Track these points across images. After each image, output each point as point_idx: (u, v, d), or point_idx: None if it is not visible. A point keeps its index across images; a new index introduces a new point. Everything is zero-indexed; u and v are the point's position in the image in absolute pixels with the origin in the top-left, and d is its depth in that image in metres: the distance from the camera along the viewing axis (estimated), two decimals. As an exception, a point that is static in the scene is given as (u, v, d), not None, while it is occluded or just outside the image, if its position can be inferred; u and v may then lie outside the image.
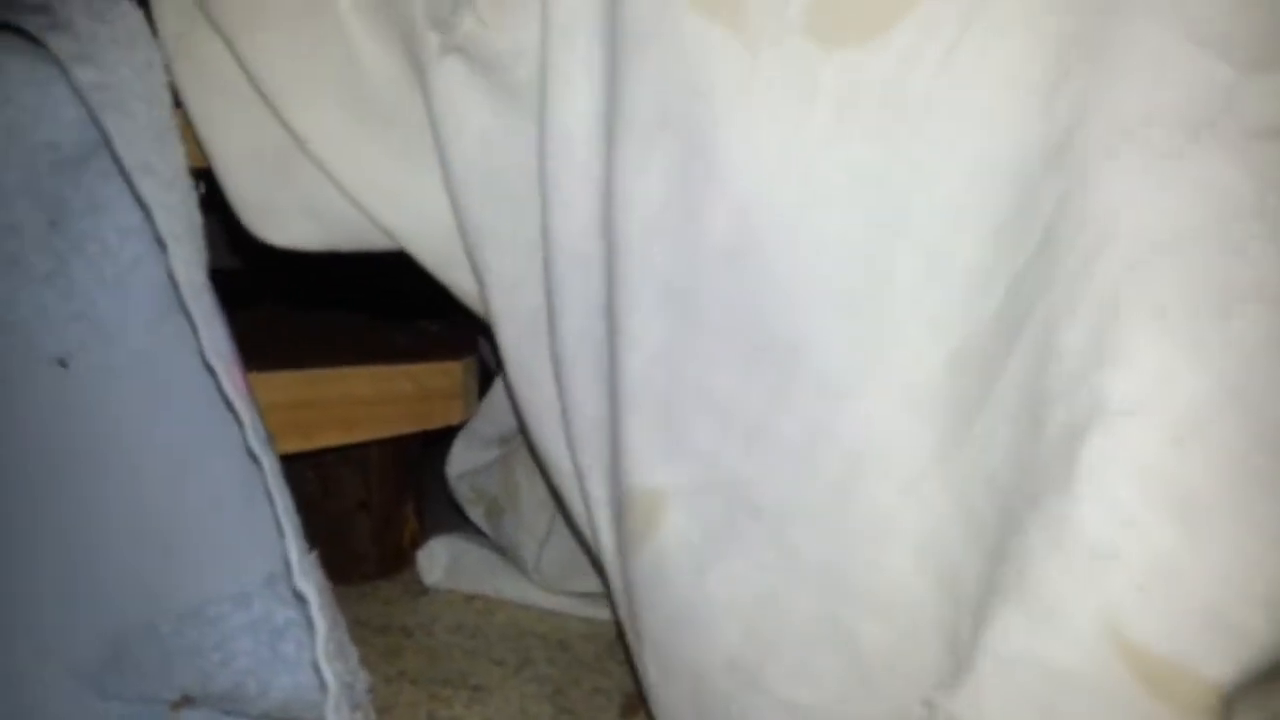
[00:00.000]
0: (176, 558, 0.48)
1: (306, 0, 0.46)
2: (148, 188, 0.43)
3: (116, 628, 0.48)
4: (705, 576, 0.40)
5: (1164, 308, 0.28)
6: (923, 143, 0.34)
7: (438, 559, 0.69)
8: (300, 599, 0.43)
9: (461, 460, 0.69)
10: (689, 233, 0.38)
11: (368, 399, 0.60)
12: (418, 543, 0.71)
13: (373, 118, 0.47)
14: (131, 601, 0.48)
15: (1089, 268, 0.29)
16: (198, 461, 0.48)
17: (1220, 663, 0.27)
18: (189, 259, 0.44)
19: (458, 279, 0.51)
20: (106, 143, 0.44)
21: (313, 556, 0.44)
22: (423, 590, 0.69)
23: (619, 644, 0.58)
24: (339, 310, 0.74)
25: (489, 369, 0.69)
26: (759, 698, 0.39)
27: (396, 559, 0.71)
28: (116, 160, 0.43)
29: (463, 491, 0.69)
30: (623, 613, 0.46)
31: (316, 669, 0.43)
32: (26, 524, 0.47)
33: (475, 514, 0.69)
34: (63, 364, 0.47)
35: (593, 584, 0.63)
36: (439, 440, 0.70)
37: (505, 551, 0.68)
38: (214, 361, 0.43)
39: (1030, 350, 0.32)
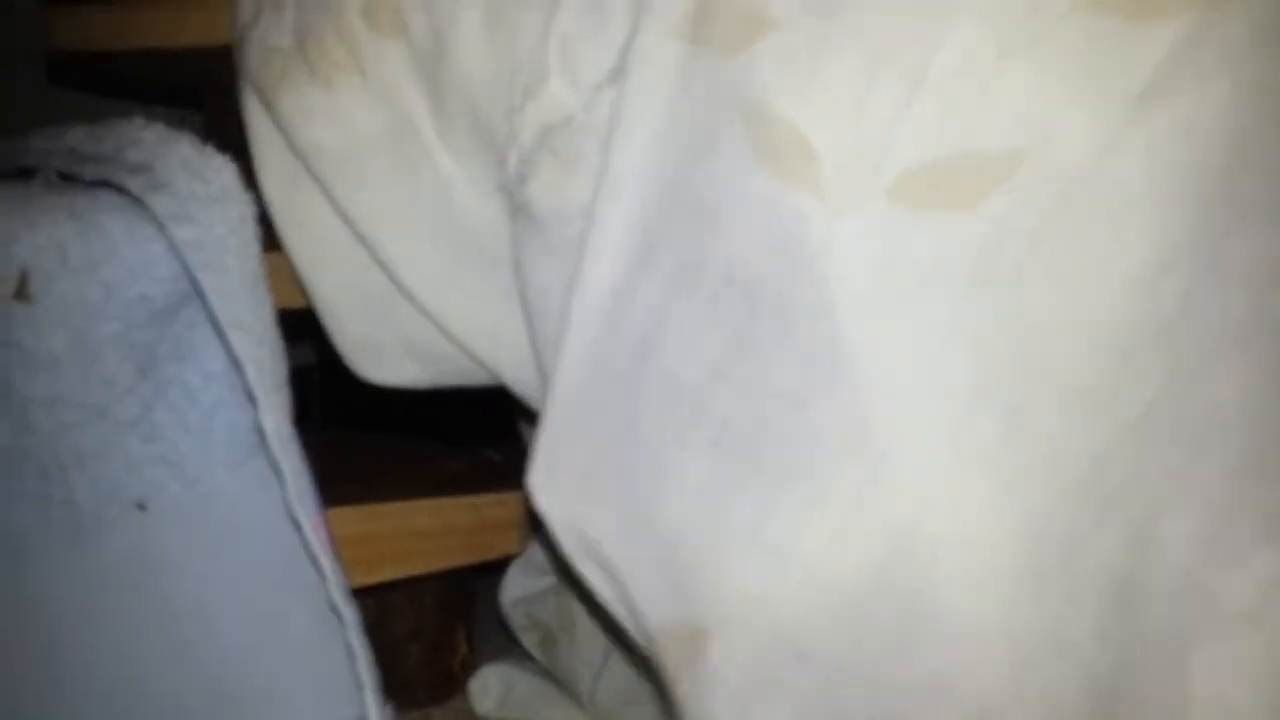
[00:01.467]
0: (252, 711, 0.48)
1: (406, 157, 0.48)
2: (239, 343, 0.45)
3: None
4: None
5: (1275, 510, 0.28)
6: (1010, 307, 0.35)
7: (490, 688, 0.68)
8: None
9: (516, 587, 0.69)
10: (755, 381, 0.39)
11: (428, 532, 0.60)
12: (469, 668, 0.70)
13: (470, 260, 0.49)
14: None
15: (1196, 460, 0.30)
16: (278, 609, 0.48)
17: None
18: (277, 411, 0.45)
19: None
20: (201, 297, 0.46)
21: (389, 710, 0.44)
22: (475, 719, 0.68)
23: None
24: (397, 433, 0.75)
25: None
26: None
27: (448, 685, 0.70)
28: (210, 315, 0.45)
29: (517, 619, 0.69)
30: None
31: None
32: (108, 669, 0.47)
33: (529, 641, 0.69)
34: (141, 507, 0.48)
35: (648, 715, 0.62)
36: (492, 564, 0.70)
37: (559, 680, 0.67)
38: (299, 513, 0.44)
39: (1123, 532, 0.32)
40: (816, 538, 0.36)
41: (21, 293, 0.43)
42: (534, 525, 0.67)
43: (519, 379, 0.51)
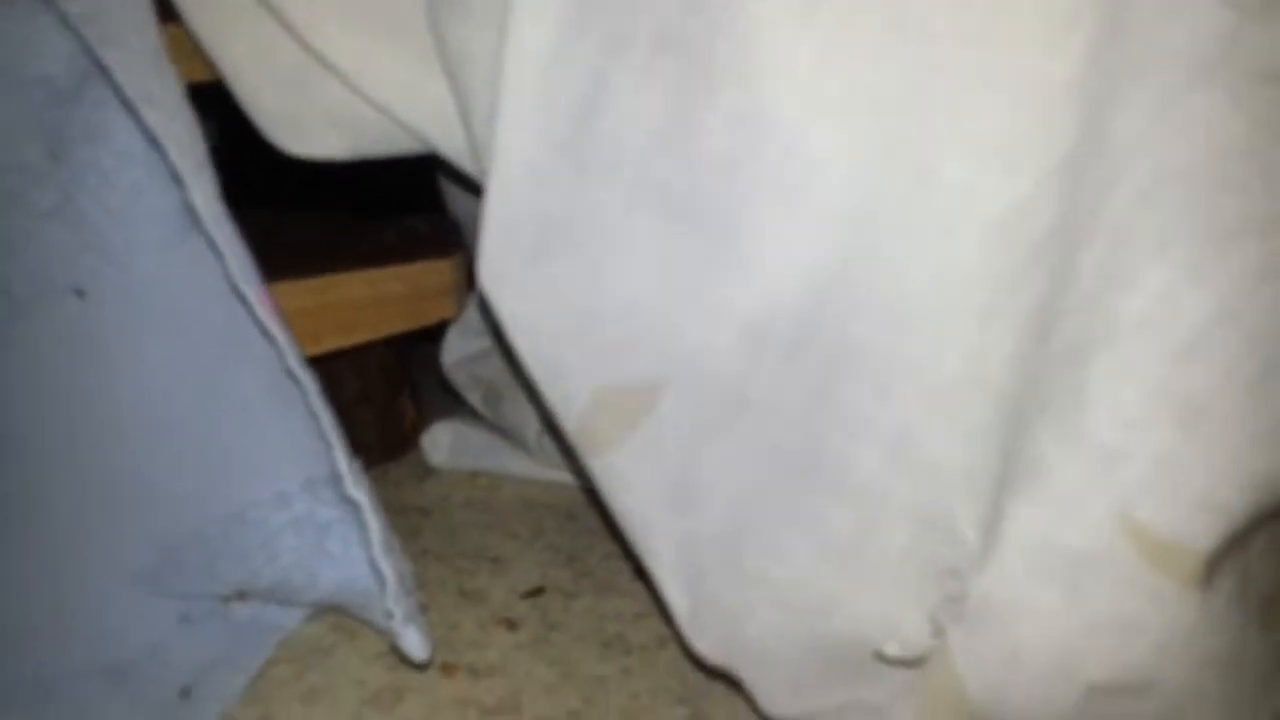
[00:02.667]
0: (213, 470, 0.51)
1: None
2: (154, 120, 0.44)
3: (164, 536, 0.51)
4: (698, 457, 0.44)
5: (1168, 237, 0.32)
6: (926, 67, 0.36)
7: (441, 441, 0.72)
8: (349, 501, 0.47)
9: (456, 349, 0.72)
10: (690, 146, 0.40)
11: (366, 301, 0.62)
12: (417, 429, 0.75)
13: (383, 22, 0.47)
14: (176, 512, 0.51)
15: (1104, 196, 0.33)
16: (226, 379, 0.50)
17: (1208, 538, 0.32)
18: (205, 189, 0.45)
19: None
20: (104, 75, 0.44)
21: (358, 464, 0.48)
22: (429, 472, 0.73)
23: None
24: (324, 209, 0.74)
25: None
26: (734, 570, 0.44)
27: (399, 445, 0.74)
28: (118, 93, 0.43)
29: (459, 379, 0.73)
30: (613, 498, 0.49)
31: (373, 564, 0.47)
32: (64, 449, 0.49)
33: (473, 398, 0.72)
34: (80, 294, 0.48)
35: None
36: (430, 330, 0.72)
37: (505, 432, 0.72)
38: (244, 287, 0.45)
39: (1048, 269, 0.35)
40: (750, 292, 0.39)
41: (-90, 79, 0.41)
42: (469, 288, 0.69)
43: (446, 142, 0.51)
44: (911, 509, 0.39)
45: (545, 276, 0.42)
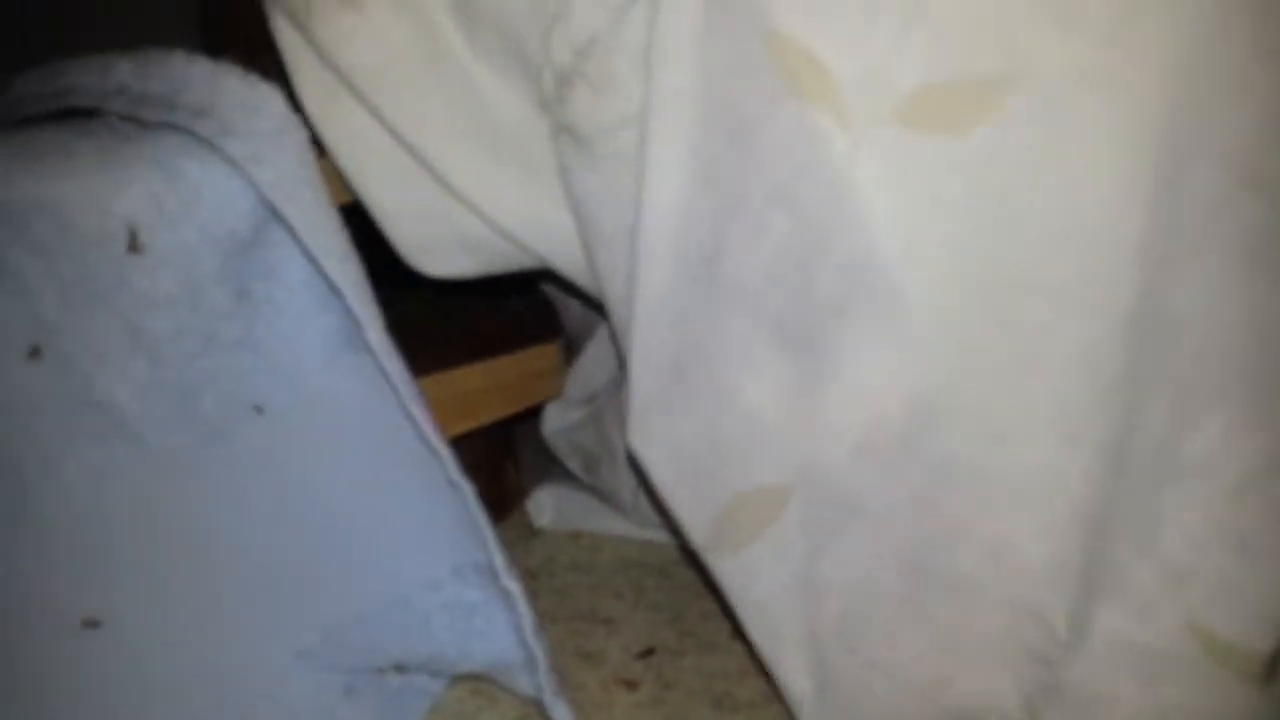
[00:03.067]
0: (374, 561, 0.58)
1: (442, 71, 0.52)
2: (334, 270, 0.50)
3: (331, 619, 0.58)
4: (820, 555, 0.50)
5: (1226, 391, 0.38)
6: (1002, 219, 0.41)
7: (545, 506, 0.79)
8: (502, 590, 0.54)
9: (556, 420, 0.78)
10: (802, 289, 0.46)
11: (484, 389, 0.69)
12: (519, 492, 0.81)
13: (514, 162, 0.54)
14: (342, 598, 0.58)
15: (1166, 352, 0.39)
16: (386, 482, 0.57)
17: (1263, 640, 0.38)
18: (375, 322, 0.51)
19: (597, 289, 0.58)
20: (286, 228, 0.51)
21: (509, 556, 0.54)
22: (534, 533, 0.79)
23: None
24: (420, 291, 0.81)
25: (569, 339, 0.77)
26: (854, 656, 0.50)
27: (503, 508, 0.81)
28: (299, 245, 0.50)
29: (559, 446, 0.79)
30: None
31: (524, 644, 0.53)
32: (246, 548, 0.56)
33: (573, 465, 0.79)
34: (259, 410, 0.55)
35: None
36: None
37: (603, 495, 0.78)
38: (413, 409, 0.51)
39: (1122, 405, 0.41)
40: (857, 411, 0.45)
41: (133, 245, 0.48)
42: (567, 363, 0.76)
43: (566, 263, 0.57)
44: (1007, 601, 0.45)
45: (685, 391, 0.49)
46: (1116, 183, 0.39)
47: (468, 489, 0.52)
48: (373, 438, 0.56)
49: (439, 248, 0.58)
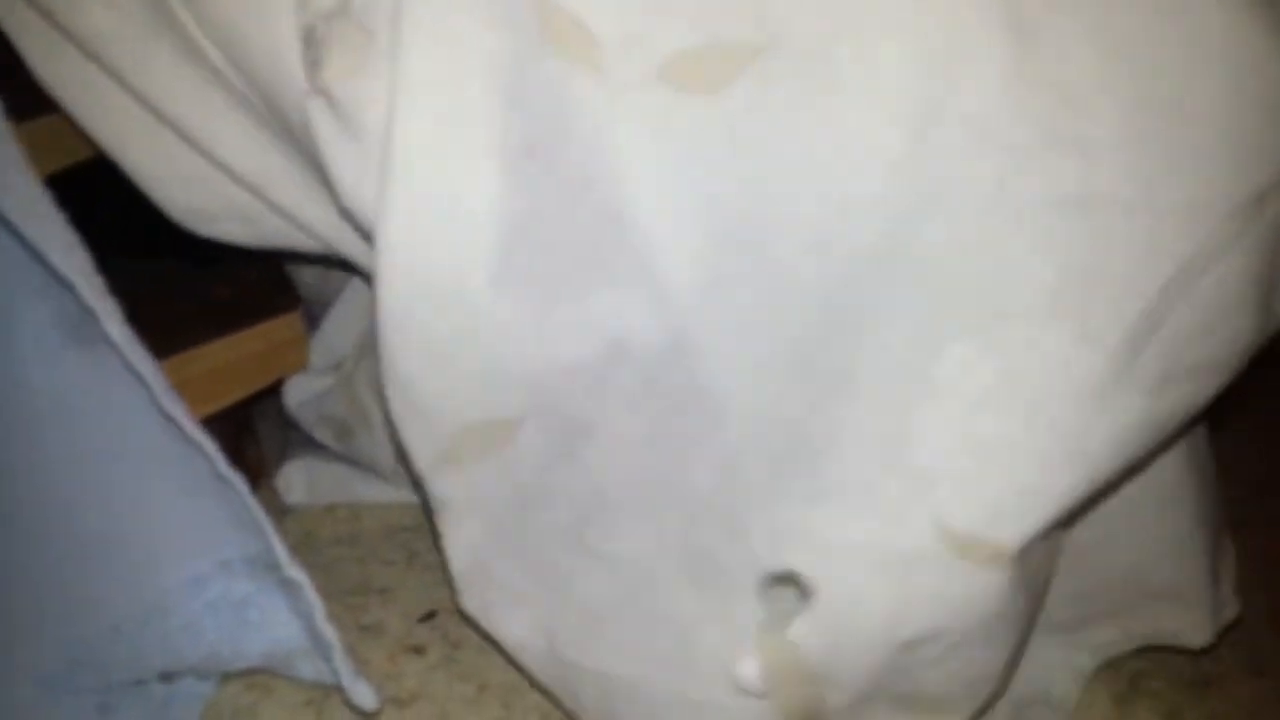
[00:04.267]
0: (125, 567, 0.53)
1: (180, 45, 0.47)
2: (60, 261, 0.45)
3: (78, 636, 0.53)
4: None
5: (966, 320, 0.44)
6: (760, 174, 0.45)
7: (295, 482, 0.75)
8: (287, 581, 0.51)
9: (299, 390, 0.74)
10: (553, 230, 0.47)
11: (227, 367, 0.63)
12: (263, 471, 0.76)
13: (275, 131, 0.50)
14: (91, 613, 0.52)
15: (910, 293, 0.44)
16: (131, 481, 0.52)
17: (999, 530, 0.45)
18: (117, 319, 0.46)
19: None
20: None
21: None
22: (285, 511, 0.75)
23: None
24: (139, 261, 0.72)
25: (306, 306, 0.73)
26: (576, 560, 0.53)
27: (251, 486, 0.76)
28: (21, 240, 0.44)
29: (306, 417, 0.75)
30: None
31: (314, 632, 0.51)
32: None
33: (324, 436, 0.75)
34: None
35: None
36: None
37: (358, 463, 0.76)
38: (172, 409, 0.47)
39: (856, 344, 0.46)
40: (601, 348, 0.48)
41: None
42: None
43: (341, 244, 0.54)
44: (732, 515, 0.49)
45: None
46: (863, 136, 0.43)
47: (239, 481, 0.49)
48: (111, 436, 0.51)
49: (214, 215, 0.53)
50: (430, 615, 0.65)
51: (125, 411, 0.50)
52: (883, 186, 0.43)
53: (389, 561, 0.70)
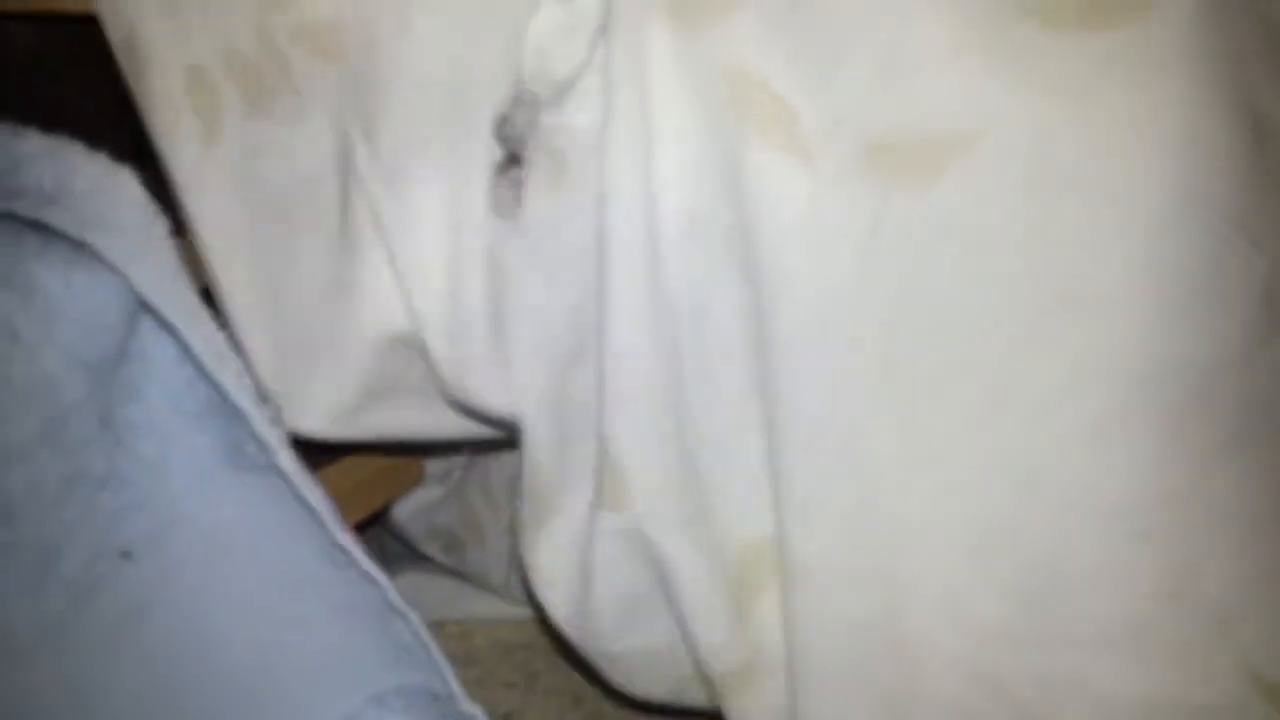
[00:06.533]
0: (275, 706, 0.50)
1: None
2: (231, 384, 0.43)
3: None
4: None
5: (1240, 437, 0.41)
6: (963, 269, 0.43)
7: (403, 596, 0.72)
8: (457, 713, 0.48)
9: (410, 503, 0.72)
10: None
11: (352, 488, 0.61)
12: (368, 584, 0.73)
13: None
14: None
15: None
16: (284, 613, 0.49)
17: None
18: (286, 446, 0.44)
19: None
20: (173, 346, 0.42)
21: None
22: (392, 629, 0.72)
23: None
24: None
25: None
26: None
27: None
28: (195, 364, 0.42)
29: (416, 530, 0.72)
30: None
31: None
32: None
33: (432, 549, 0.73)
34: (125, 555, 0.45)
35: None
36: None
37: (469, 578, 0.73)
38: (343, 540, 0.44)
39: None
40: None
41: (-22, 386, 0.37)
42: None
43: None
44: None
45: None
46: (1093, 233, 0.39)
47: (414, 617, 0.47)
48: (267, 568, 0.48)
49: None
50: (563, 742, 0.62)
51: (284, 543, 0.47)
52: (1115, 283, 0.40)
53: (508, 684, 0.67)
